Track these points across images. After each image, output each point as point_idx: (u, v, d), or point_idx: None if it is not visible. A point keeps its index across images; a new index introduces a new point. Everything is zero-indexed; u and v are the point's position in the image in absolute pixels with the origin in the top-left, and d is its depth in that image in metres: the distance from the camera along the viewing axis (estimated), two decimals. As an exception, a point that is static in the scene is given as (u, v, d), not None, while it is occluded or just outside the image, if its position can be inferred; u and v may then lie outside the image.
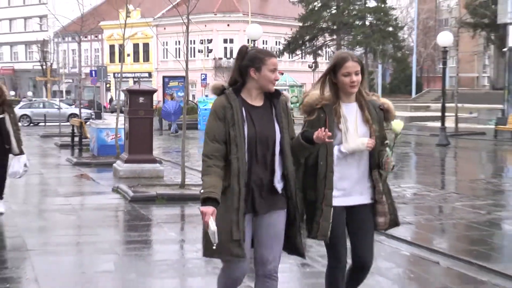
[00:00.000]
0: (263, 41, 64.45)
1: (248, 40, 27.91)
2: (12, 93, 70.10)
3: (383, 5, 61.05)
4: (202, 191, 4.59)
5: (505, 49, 38.91)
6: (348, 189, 4.94)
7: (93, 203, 13.29)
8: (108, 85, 71.56)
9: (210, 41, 73.72)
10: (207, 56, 73.51)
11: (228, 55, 74.32)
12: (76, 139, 22.93)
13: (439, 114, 32.42)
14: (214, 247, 4.51)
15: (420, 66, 70.23)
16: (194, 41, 71.80)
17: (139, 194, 13.22)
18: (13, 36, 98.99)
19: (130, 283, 7.51)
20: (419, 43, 68.20)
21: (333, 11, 60.14)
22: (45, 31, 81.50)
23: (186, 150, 15.22)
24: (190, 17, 14.75)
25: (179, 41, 73.09)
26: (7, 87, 10.63)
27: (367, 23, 60.12)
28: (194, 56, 72.51)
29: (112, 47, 77.58)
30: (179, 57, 72.00)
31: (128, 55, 75.50)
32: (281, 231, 4.79)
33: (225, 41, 75.42)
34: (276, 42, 69.24)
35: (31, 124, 43.70)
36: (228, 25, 74.32)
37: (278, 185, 4.72)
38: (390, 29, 60.64)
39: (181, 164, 14.55)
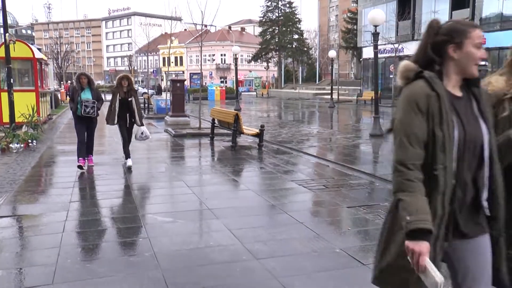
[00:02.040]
0: (241, 55, 63.10)
1: (233, 54, 26.69)
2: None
3: (301, 37, 60.40)
4: (408, 218, 1.72)
5: (361, 59, 39.27)
6: None
7: (155, 137, 13.16)
8: (162, 77, 69.95)
9: (213, 55, 73.69)
10: (212, 62, 73.41)
11: (223, 62, 74.06)
12: (146, 105, 22.60)
13: (329, 91, 32.41)
14: None
15: (321, 67, 69.46)
16: (205, 55, 72.04)
17: (177, 132, 13.14)
18: (116, 53, 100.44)
19: (173, 177, 7.47)
20: (320, 56, 67.67)
21: (276, 40, 59.22)
22: (131, 51, 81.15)
23: (202, 110, 15.06)
24: (203, 43, 14.54)
25: (197, 55, 73.38)
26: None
27: (294, 46, 59.45)
28: (205, 63, 72.21)
29: (164, 58, 75.44)
30: (198, 63, 71.17)
31: (172, 62, 74.15)
32: (490, 259, 1.92)
33: (221, 54, 74.34)
34: (248, 55, 67.66)
35: (123, 98, 42.59)
36: (223, 47, 73.05)
37: (485, 202, 1.87)
38: (305, 49, 60.17)
39: (199, 117, 14.45)
